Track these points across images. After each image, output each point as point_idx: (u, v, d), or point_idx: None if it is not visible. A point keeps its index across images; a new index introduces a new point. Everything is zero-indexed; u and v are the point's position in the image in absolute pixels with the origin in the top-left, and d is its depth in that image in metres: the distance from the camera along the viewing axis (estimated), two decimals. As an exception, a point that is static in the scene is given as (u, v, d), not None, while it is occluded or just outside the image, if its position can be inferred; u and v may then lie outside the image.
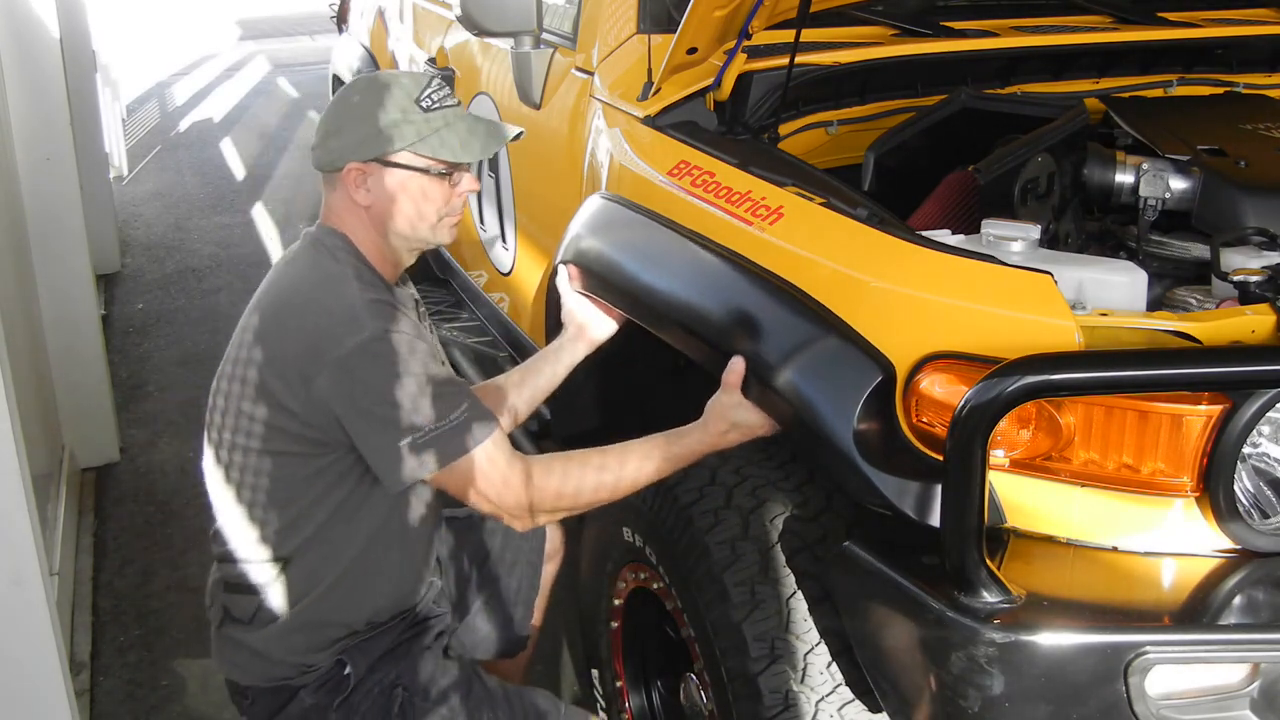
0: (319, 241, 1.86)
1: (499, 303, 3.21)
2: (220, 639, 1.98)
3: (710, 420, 1.83)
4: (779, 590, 1.81)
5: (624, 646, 2.33)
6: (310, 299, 1.80)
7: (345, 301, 1.77)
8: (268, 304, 1.85)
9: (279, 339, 1.80)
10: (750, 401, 1.77)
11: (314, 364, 1.74)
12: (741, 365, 1.76)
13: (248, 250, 5.91)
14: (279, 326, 1.81)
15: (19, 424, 2.08)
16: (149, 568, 3.32)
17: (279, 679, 1.93)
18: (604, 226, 2.20)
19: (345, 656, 1.92)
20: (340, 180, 1.83)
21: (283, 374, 1.78)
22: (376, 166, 1.81)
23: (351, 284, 1.79)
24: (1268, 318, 1.53)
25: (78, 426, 3.77)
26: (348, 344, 1.73)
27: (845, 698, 1.76)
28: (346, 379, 1.74)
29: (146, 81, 10.07)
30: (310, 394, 1.76)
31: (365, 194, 1.83)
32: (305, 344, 1.76)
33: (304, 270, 1.85)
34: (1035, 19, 2.73)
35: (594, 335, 2.19)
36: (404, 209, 1.83)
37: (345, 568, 1.90)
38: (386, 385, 1.73)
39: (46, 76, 3.72)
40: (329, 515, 1.86)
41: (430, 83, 1.85)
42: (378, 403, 1.73)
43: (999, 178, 2.05)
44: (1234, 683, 1.46)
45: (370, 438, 1.77)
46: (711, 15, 2.12)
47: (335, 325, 1.75)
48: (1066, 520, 1.55)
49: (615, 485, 1.84)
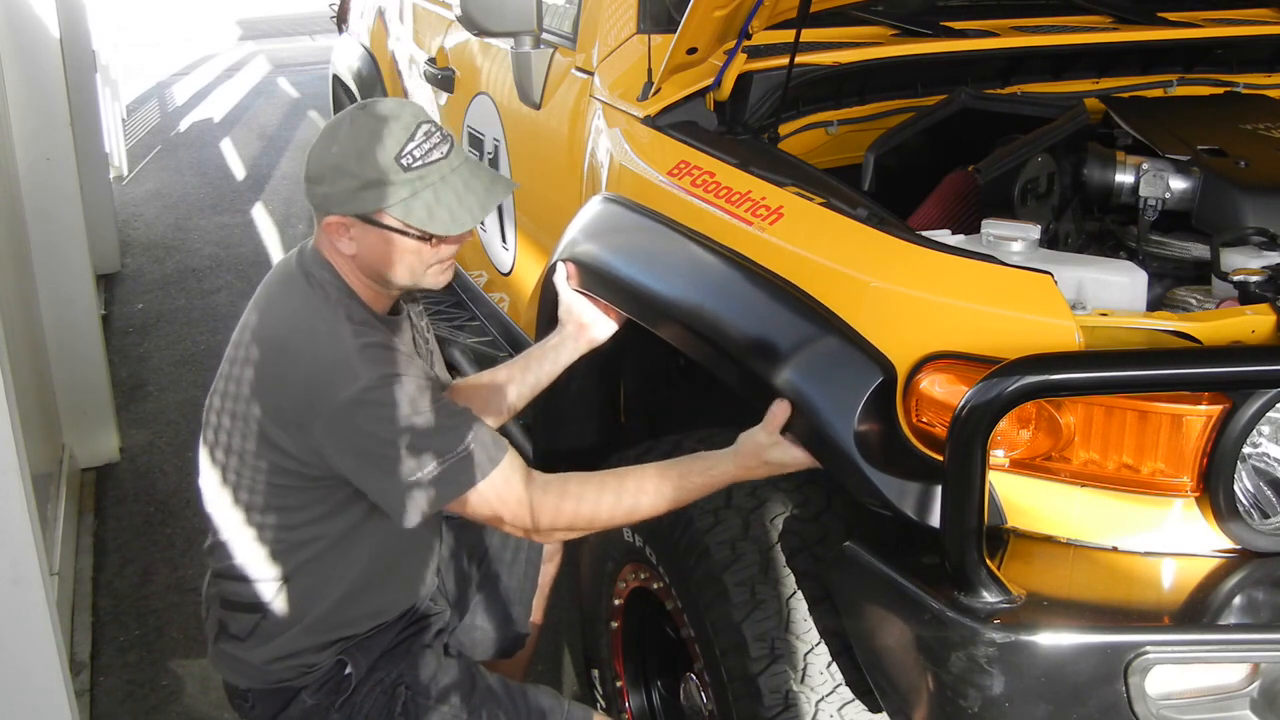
0: (311, 275, 1.80)
1: (499, 302, 3.21)
2: (218, 653, 1.97)
3: (743, 455, 1.76)
4: (779, 590, 1.81)
5: (624, 646, 2.33)
6: (304, 347, 1.75)
7: (339, 350, 1.72)
8: (263, 338, 1.80)
9: (274, 386, 1.76)
10: (787, 440, 1.71)
11: (310, 414, 1.72)
12: (786, 409, 1.69)
13: (248, 250, 5.91)
14: (274, 371, 1.77)
15: (19, 424, 2.08)
16: (149, 568, 3.32)
17: (279, 681, 1.92)
18: (604, 227, 2.20)
19: (345, 656, 1.92)
20: (324, 228, 1.78)
21: (278, 420, 1.76)
22: (358, 221, 1.75)
23: (344, 328, 1.74)
24: (1268, 318, 1.53)
25: (78, 426, 3.77)
26: (342, 395, 1.69)
27: (845, 698, 1.76)
28: (344, 428, 1.71)
29: (146, 81, 10.07)
30: (308, 442, 1.74)
31: (349, 244, 1.77)
32: (300, 395, 1.73)
33: (299, 308, 1.79)
34: (1035, 19, 2.73)
35: (593, 334, 2.19)
36: (388, 262, 1.77)
37: (349, 584, 1.88)
38: (386, 431, 1.69)
39: (46, 76, 3.72)
40: (332, 539, 1.85)
41: (416, 133, 1.73)
42: (379, 448, 1.70)
43: (999, 178, 2.05)
44: (1234, 683, 1.46)
45: (374, 481, 1.74)
46: (711, 15, 2.12)
47: (329, 376, 1.71)
48: (1066, 520, 1.55)
49: (632, 510, 1.80)
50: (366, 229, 1.75)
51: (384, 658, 1.95)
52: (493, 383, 2.17)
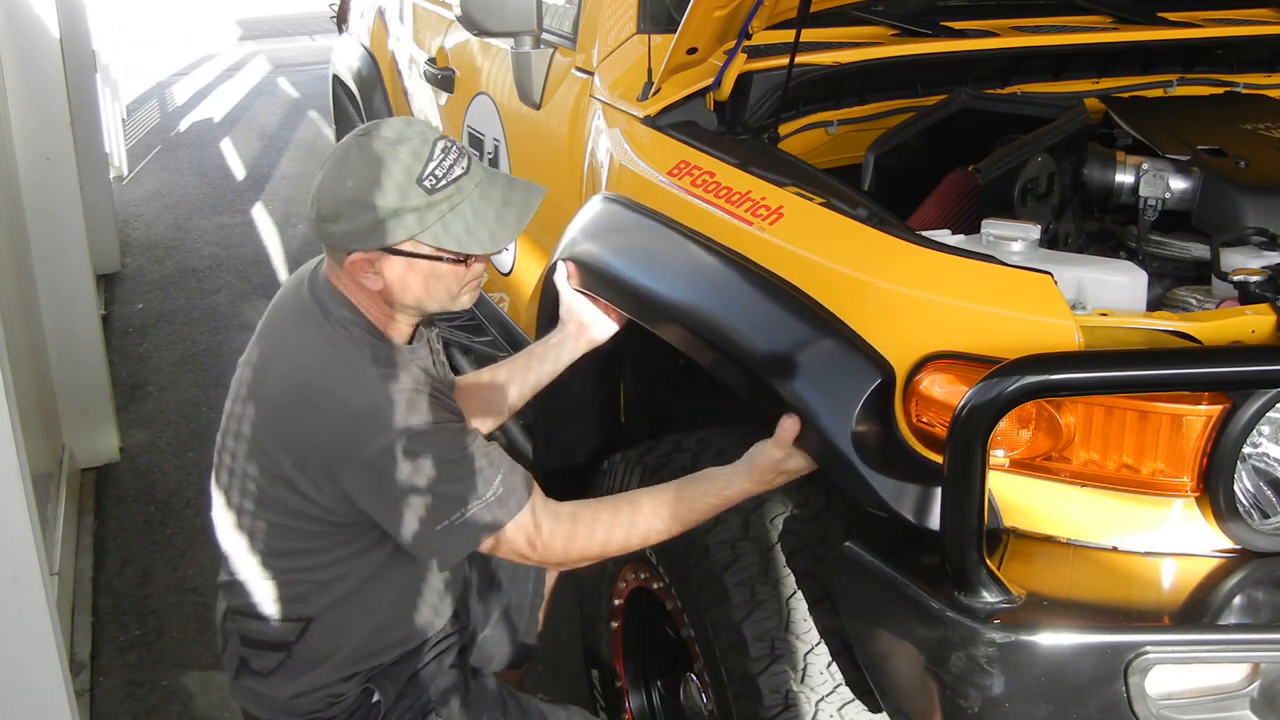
0: (329, 312, 1.72)
1: (499, 303, 3.21)
2: (239, 688, 1.92)
3: (758, 470, 1.74)
4: (779, 590, 1.81)
5: (624, 646, 2.33)
6: (331, 397, 1.67)
7: (367, 399, 1.65)
8: (284, 383, 1.72)
9: (299, 436, 1.69)
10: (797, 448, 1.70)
11: (339, 465, 1.67)
12: (796, 425, 1.66)
13: (248, 250, 5.91)
14: (299, 421, 1.69)
15: (19, 424, 2.08)
16: (149, 568, 3.32)
17: (306, 713, 1.87)
18: (604, 226, 2.20)
19: (373, 684, 1.88)
20: (346, 267, 1.69)
21: (305, 470, 1.70)
22: (381, 254, 1.66)
23: (370, 372, 1.67)
24: (1268, 318, 1.53)
25: (78, 426, 3.77)
26: (373, 446, 1.64)
27: (845, 698, 1.76)
28: (376, 478, 1.66)
29: (146, 81, 10.07)
30: (336, 490, 1.69)
31: (374, 279, 1.69)
32: (329, 446, 1.67)
33: (319, 348, 1.71)
34: (1035, 19, 2.73)
35: (594, 334, 2.18)
36: (416, 290, 1.70)
37: (380, 618, 1.85)
38: (418, 479, 1.65)
39: (46, 76, 3.72)
40: (360, 578, 1.81)
41: (433, 152, 1.65)
42: (410, 495, 1.66)
43: (999, 178, 2.05)
44: (1234, 683, 1.46)
45: (406, 528, 1.69)
46: (711, 15, 2.12)
47: (359, 427, 1.65)
48: (1066, 520, 1.55)
49: (645, 537, 1.78)
50: (394, 261, 1.67)
51: (411, 683, 1.91)
52: (493, 381, 2.16)
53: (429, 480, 1.66)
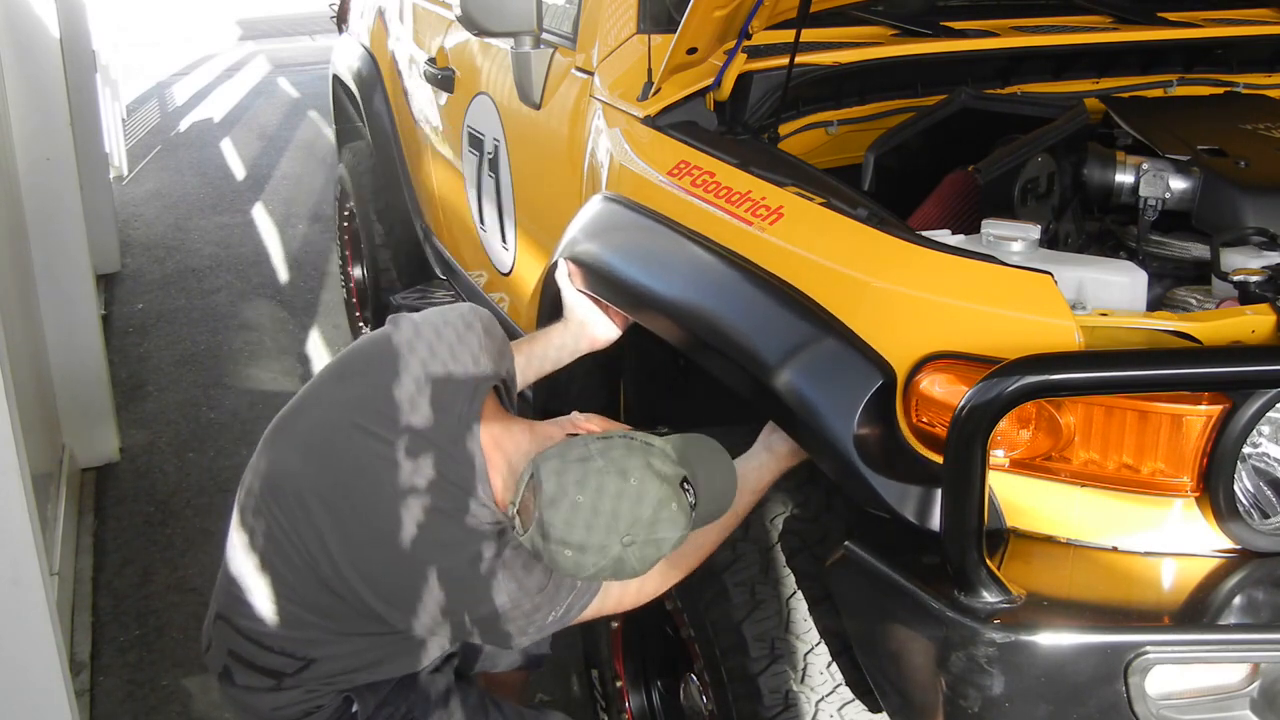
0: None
1: (499, 303, 3.21)
2: (228, 696, 1.93)
3: (778, 457, 1.82)
4: (779, 590, 1.81)
5: (624, 646, 2.33)
6: (426, 544, 1.67)
7: (466, 555, 1.66)
8: (367, 512, 1.69)
9: (377, 561, 1.69)
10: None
11: (427, 611, 1.68)
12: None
13: (248, 250, 5.92)
14: (382, 549, 1.68)
15: (19, 424, 2.08)
16: (149, 568, 3.32)
17: None
18: (604, 226, 2.20)
19: (352, 693, 1.88)
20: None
21: (376, 591, 1.70)
22: None
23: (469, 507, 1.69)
24: (1268, 318, 1.53)
25: (78, 426, 3.77)
26: (481, 611, 1.67)
27: (845, 698, 1.76)
28: (465, 624, 1.70)
29: (146, 81, 10.07)
30: (413, 622, 1.70)
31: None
32: (417, 586, 1.67)
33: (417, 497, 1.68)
34: (1035, 19, 2.73)
35: (595, 335, 2.18)
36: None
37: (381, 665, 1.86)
38: (506, 616, 1.68)
39: (46, 76, 3.72)
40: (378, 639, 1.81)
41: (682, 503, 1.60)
42: (501, 622, 1.69)
43: (999, 178, 2.05)
44: (1234, 683, 1.46)
45: (491, 640, 1.75)
46: (711, 15, 2.12)
47: (456, 586, 1.66)
48: (1066, 520, 1.55)
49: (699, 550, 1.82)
50: None
51: (393, 692, 1.91)
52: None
53: (519, 616, 1.69)
